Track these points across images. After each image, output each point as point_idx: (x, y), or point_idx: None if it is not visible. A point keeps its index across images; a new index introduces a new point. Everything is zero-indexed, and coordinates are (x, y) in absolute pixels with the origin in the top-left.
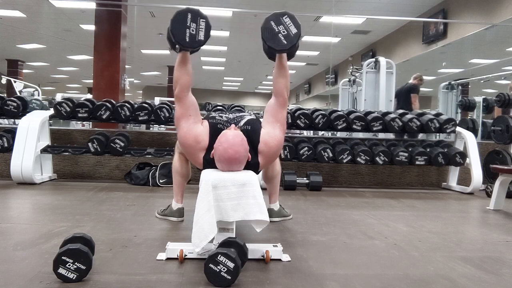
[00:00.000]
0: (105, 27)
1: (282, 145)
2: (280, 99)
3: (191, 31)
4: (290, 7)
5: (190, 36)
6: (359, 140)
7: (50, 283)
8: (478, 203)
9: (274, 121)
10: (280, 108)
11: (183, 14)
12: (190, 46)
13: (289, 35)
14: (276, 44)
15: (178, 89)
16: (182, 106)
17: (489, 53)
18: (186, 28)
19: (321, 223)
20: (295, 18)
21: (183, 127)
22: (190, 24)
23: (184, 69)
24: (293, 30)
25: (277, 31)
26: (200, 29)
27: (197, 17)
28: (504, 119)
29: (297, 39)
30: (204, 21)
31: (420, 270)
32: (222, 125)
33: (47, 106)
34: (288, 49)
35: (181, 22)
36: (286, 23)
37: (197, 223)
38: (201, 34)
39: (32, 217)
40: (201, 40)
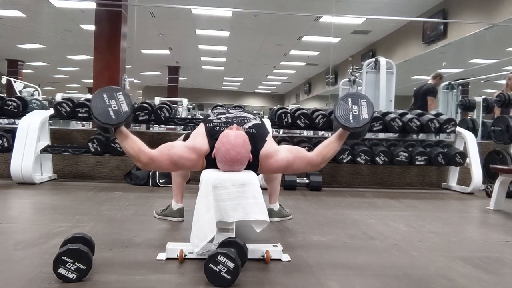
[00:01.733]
0: (105, 27)
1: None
2: (315, 158)
3: (113, 108)
4: (290, 7)
5: (115, 113)
6: (356, 141)
7: (50, 283)
8: (478, 203)
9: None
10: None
11: (98, 97)
12: (119, 121)
13: (359, 118)
14: (342, 119)
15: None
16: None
17: (489, 53)
18: (108, 107)
19: (321, 223)
20: (372, 106)
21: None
22: (109, 102)
23: (129, 140)
24: (365, 115)
25: (350, 109)
26: (121, 102)
27: (112, 93)
28: (504, 119)
29: (365, 125)
30: (121, 94)
31: (420, 270)
32: (220, 127)
33: (47, 106)
34: (350, 128)
35: (100, 105)
36: (361, 106)
37: (196, 223)
38: (124, 106)
39: (32, 217)
40: (127, 111)
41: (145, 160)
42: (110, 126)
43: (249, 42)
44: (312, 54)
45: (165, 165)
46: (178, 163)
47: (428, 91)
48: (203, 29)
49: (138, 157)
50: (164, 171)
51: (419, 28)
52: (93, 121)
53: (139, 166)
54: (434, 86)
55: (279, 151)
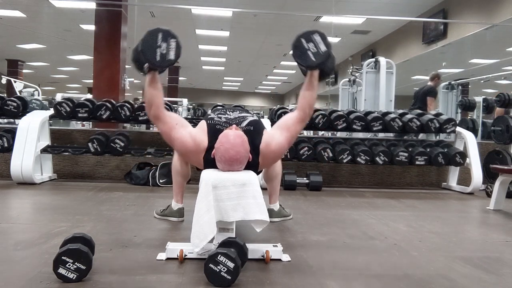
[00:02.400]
0: (105, 27)
1: (283, 152)
2: (301, 113)
3: (161, 51)
4: (290, 7)
5: (161, 55)
6: (359, 140)
7: (50, 283)
8: (478, 203)
9: (285, 130)
10: (298, 121)
11: (153, 34)
12: (160, 65)
13: (319, 53)
14: (304, 60)
15: (153, 109)
16: (164, 122)
17: (489, 53)
18: (157, 47)
19: (321, 223)
20: (326, 37)
21: (176, 137)
22: (160, 44)
23: (155, 89)
24: (323, 48)
25: (307, 48)
26: (170, 49)
27: (167, 37)
28: (504, 119)
29: (326, 57)
30: (175, 41)
31: (420, 270)
32: (221, 125)
33: (47, 106)
34: (316, 66)
35: (151, 42)
36: (316, 41)
37: (196, 223)
38: (171, 54)
39: (32, 217)
40: (171, 59)
41: (153, 114)
42: (149, 65)
43: (249, 42)
44: None
45: (164, 132)
46: (174, 142)
47: (428, 91)
48: (203, 29)
49: (150, 106)
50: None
51: (419, 28)
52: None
53: (146, 111)
54: (434, 87)
55: (274, 135)
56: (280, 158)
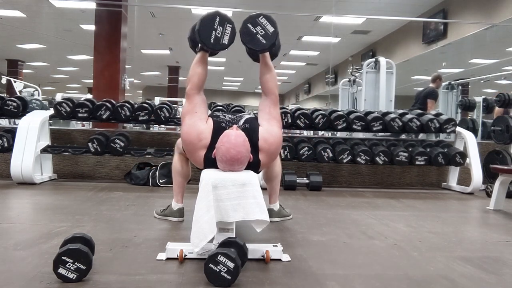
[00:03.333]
0: (105, 27)
1: (281, 141)
2: (272, 96)
3: (216, 34)
4: (290, 7)
5: (215, 38)
6: (359, 140)
7: (50, 283)
8: (478, 203)
9: (270, 118)
10: (274, 105)
11: (212, 16)
12: (213, 48)
13: (267, 34)
14: (256, 45)
15: (189, 86)
16: (190, 103)
17: (489, 53)
18: (213, 30)
19: (321, 223)
20: (271, 18)
21: (187, 123)
22: (217, 27)
23: (199, 68)
24: (270, 29)
25: (255, 32)
26: (225, 33)
27: (224, 22)
28: (504, 119)
29: (275, 37)
30: (231, 27)
31: (420, 270)
32: (225, 124)
33: (47, 106)
34: (268, 48)
35: (209, 24)
36: (262, 24)
37: (196, 223)
38: (226, 38)
39: (32, 217)
40: (225, 44)
41: (187, 90)
42: (202, 45)
43: None
44: (312, 54)
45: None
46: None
47: (429, 94)
48: None
49: (188, 83)
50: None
51: (419, 28)
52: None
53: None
54: (436, 89)
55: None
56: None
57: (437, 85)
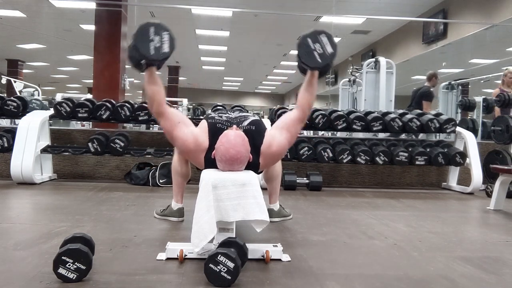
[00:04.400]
0: (105, 27)
1: (284, 153)
2: (301, 113)
3: (155, 45)
4: (290, 7)
5: (155, 49)
6: (359, 140)
7: (50, 283)
8: (478, 203)
9: (285, 130)
10: (297, 121)
11: (145, 28)
12: (156, 58)
13: (325, 54)
14: (310, 61)
15: (155, 106)
16: (166, 119)
17: (489, 53)
18: (150, 41)
19: (321, 223)
20: (332, 38)
21: (178, 136)
22: (153, 37)
23: (154, 86)
24: (329, 49)
25: (313, 49)
26: (164, 42)
27: (160, 30)
28: (504, 119)
29: (332, 59)
30: (167, 34)
31: (420, 270)
32: (222, 124)
33: (47, 106)
34: (321, 67)
35: (144, 36)
36: (322, 42)
37: (196, 223)
38: (165, 47)
39: (32, 217)
40: (166, 52)
41: (155, 111)
42: (145, 60)
43: (249, 42)
44: None
45: (166, 129)
46: (175, 140)
47: (423, 95)
48: (203, 29)
49: (152, 103)
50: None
51: (419, 28)
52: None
53: (148, 108)
54: (431, 87)
55: (275, 135)
56: (280, 158)
57: (433, 83)
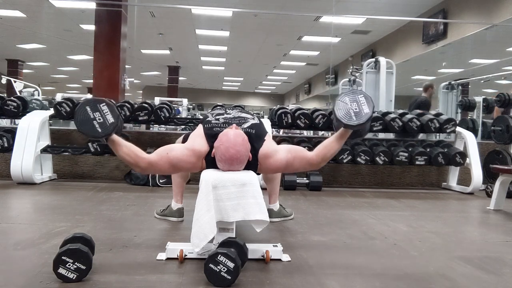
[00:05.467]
0: (105, 27)
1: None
2: (315, 158)
3: (98, 121)
4: (290, 7)
5: (100, 126)
6: (359, 140)
7: (50, 283)
8: (478, 203)
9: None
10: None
11: (82, 110)
12: (105, 133)
13: (361, 114)
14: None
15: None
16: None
17: (489, 53)
18: (92, 120)
19: (321, 223)
20: (370, 100)
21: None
22: (93, 115)
23: (124, 147)
24: (366, 110)
25: (350, 107)
26: (105, 114)
27: (95, 105)
28: (504, 119)
29: (367, 119)
30: (104, 104)
31: (420, 270)
32: (219, 127)
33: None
34: (354, 126)
35: (84, 119)
36: (360, 102)
37: (196, 223)
38: (110, 118)
39: (32, 217)
40: (113, 122)
41: (143, 166)
42: (98, 138)
43: (249, 42)
44: (312, 54)
45: (165, 168)
46: (178, 166)
47: (421, 104)
48: (203, 29)
49: (136, 163)
50: (163, 174)
51: (419, 28)
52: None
53: (138, 171)
54: (428, 98)
55: (278, 151)
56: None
57: (429, 94)
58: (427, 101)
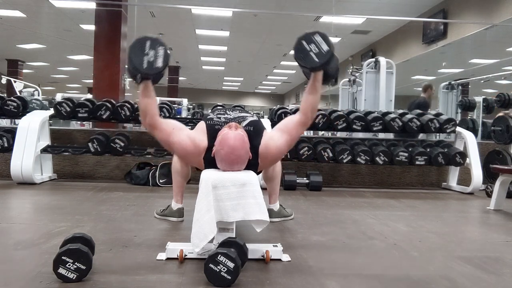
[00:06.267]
0: (105, 27)
1: (282, 155)
2: (303, 117)
3: (149, 59)
4: (290, 7)
5: (147, 63)
6: (359, 140)
7: (50, 283)
8: (478, 203)
9: (286, 132)
10: (299, 125)
11: (141, 41)
12: (147, 72)
13: (321, 53)
14: (308, 62)
15: (149, 118)
16: (160, 130)
17: (489, 53)
18: (144, 55)
19: (321, 223)
20: (327, 36)
21: (175, 141)
22: (148, 51)
23: (148, 98)
24: (325, 47)
25: (309, 50)
26: (158, 56)
27: (155, 45)
28: (504, 119)
29: (329, 56)
30: (163, 49)
31: (420, 270)
32: (220, 125)
33: (47, 106)
34: (320, 66)
35: (139, 50)
36: (317, 41)
37: (196, 223)
38: (159, 61)
39: (32, 217)
40: (159, 67)
41: (148, 123)
42: (137, 74)
43: (249, 42)
44: None
45: (161, 138)
46: (173, 146)
47: (420, 105)
48: (203, 29)
49: (145, 116)
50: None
51: (419, 28)
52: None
53: (142, 122)
54: (427, 99)
55: (273, 137)
56: (279, 160)
57: (428, 95)
58: (426, 102)
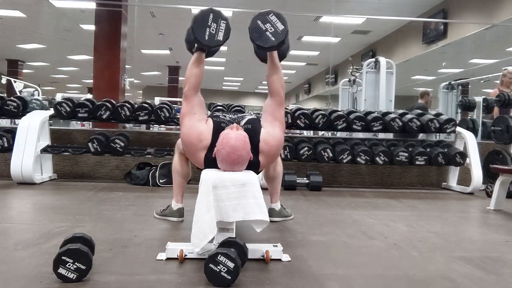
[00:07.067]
0: (105, 27)
1: (282, 143)
2: (277, 98)
3: (211, 31)
4: (290, 7)
5: (209, 35)
6: (359, 140)
7: (50, 283)
8: (478, 203)
9: (273, 120)
10: (278, 106)
11: (205, 13)
12: (208, 44)
13: (277, 32)
14: (264, 42)
15: (186, 88)
16: (188, 104)
17: (489, 53)
18: (207, 27)
19: (321, 223)
20: (281, 15)
21: (186, 124)
22: (211, 24)
23: (196, 69)
24: (280, 26)
25: (264, 29)
26: (220, 30)
27: (218, 18)
28: (504, 119)
29: (285, 35)
30: (225, 23)
31: (420, 270)
32: (226, 124)
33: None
34: (276, 45)
35: (202, 21)
36: (272, 21)
37: (196, 223)
38: (220, 35)
39: (32, 217)
40: (220, 40)
41: (184, 91)
42: (197, 43)
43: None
44: (312, 54)
45: (182, 113)
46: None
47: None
48: None
49: (185, 84)
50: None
51: (419, 28)
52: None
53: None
54: (424, 104)
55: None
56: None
57: (425, 101)
58: (424, 108)
